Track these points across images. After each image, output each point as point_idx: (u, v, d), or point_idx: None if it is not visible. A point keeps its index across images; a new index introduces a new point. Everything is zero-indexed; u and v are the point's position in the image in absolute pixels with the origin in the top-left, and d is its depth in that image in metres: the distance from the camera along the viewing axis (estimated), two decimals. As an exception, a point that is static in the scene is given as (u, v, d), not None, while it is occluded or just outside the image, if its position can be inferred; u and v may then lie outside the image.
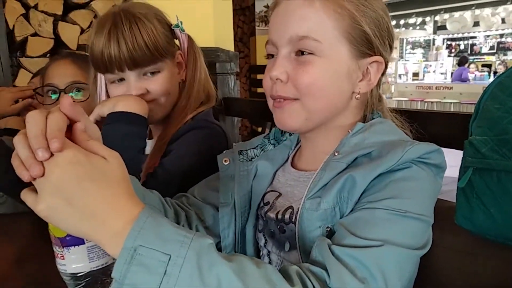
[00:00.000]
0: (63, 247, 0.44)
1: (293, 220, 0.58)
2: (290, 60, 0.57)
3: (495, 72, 8.46)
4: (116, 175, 0.41)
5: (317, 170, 0.58)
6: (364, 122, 0.61)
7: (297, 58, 0.57)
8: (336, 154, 0.57)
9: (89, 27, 1.77)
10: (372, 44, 0.58)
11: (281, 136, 0.71)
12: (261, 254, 0.67)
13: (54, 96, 1.10)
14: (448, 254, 0.55)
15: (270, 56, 0.61)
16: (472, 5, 8.76)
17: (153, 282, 0.37)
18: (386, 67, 0.62)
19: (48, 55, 1.75)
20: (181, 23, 0.84)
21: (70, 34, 1.74)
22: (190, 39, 0.85)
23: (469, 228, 0.68)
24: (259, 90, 4.57)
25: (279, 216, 0.61)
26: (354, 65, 0.58)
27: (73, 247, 0.44)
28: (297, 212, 0.56)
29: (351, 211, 0.52)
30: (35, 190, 0.40)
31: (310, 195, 0.55)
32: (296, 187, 0.62)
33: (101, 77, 0.81)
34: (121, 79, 0.78)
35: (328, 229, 0.53)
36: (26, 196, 0.40)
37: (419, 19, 9.99)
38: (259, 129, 1.35)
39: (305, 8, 0.56)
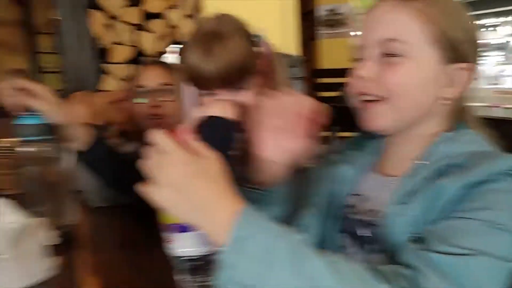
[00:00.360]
0: (173, 233, 0.49)
1: (380, 223, 0.58)
2: (378, 61, 0.59)
3: None
4: (218, 173, 0.48)
5: (402, 175, 0.58)
6: (449, 131, 0.61)
7: (385, 58, 0.59)
8: (423, 161, 0.57)
9: (167, 35, 1.88)
10: (460, 52, 0.58)
11: (364, 142, 0.71)
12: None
13: (140, 100, 1.18)
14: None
15: (358, 59, 0.63)
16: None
17: (256, 270, 0.42)
18: (473, 75, 0.61)
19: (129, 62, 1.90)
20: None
21: (147, 42, 1.88)
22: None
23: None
24: (324, 94, 4.50)
25: (366, 218, 0.62)
26: (441, 70, 0.58)
27: (184, 233, 0.49)
28: (384, 216, 0.57)
29: (441, 219, 0.51)
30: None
31: (397, 201, 0.56)
32: (382, 192, 0.62)
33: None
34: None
35: (415, 235, 0.53)
36: (146, 188, 0.46)
37: (497, 20, 9.24)
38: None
39: (394, 12, 0.58)
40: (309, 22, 4.79)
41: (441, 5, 0.59)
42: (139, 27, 1.91)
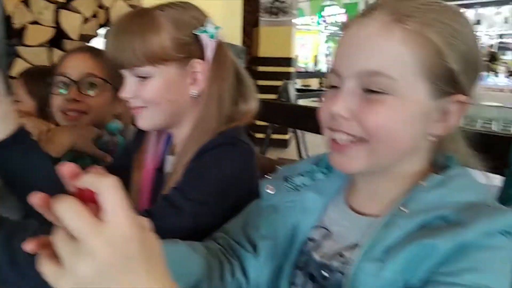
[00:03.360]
0: None
1: (341, 270, 0.52)
2: (356, 96, 0.50)
3: (495, 73, 8.45)
4: (158, 253, 0.37)
5: (376, 216, 0.51)
6: (434, 168, 0.54)
7: (364, 94, 0.49)
8: (403, 208, 0.49)
9: (93, 16, 1.67)
10: (455, 82, 0.50)
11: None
12: None
13: (62, 91, 1.03)
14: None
15: (332, 87, 0.53)
16: (475, 4, 8.72)
17: None
18: (467, 107, 0.52)
19: (48, 44, 1.66)
20: (216, 28, 0.76)
21: (72, 23, 1.65)
22: (221, 48, 0.77)
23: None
24: (260, 82, 4.49)
25: (325, 261, 0.55)
26: (432, 105, 0.50)
27: None
28: (349, 264, 0.50)
29: (425, 283, 0.46)
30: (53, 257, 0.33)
31: (370, 257, 0.48)
32: (350, 231, 0.55)
33: None
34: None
35: None
36: (45, 265, 0.33)
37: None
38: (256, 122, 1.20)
39: (381, 37, 0.48)
40: (253, 8, 4.71)
41: (444, 27, 0.48)
42: (63, 6, 1.66)
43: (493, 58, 8.98)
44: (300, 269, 0.60)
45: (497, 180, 0.69)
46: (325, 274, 0.54)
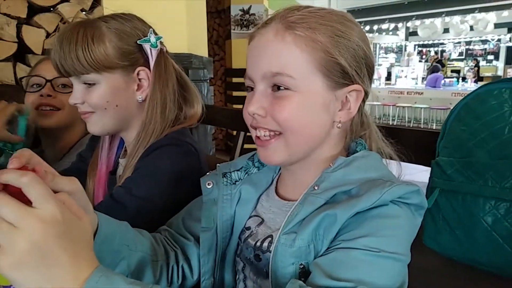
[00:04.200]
0: None
1: (270, 249, 0.57)
2: (267, 95, 0.56)
3: (463, 78, 8.76)
4: (88, 235, 0.42)
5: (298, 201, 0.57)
6: (347, 152, 0.61)
7: (273, 93, 0.56)
8: (315, 188, 0.56)
9: (55, 31, 1.70)
10: (348, 74, 0.56)
11: None
12: (237, 278, 0.66)
13: (33, 89, 1.08)
14: (414, 273, 0.55)
15: (249, 88, 0.60)
16: (442, 13, 9.06)
17: None
18: (366, 95, 0.60)
19: (11, 59, 1.67)
20: (157, 38, 0.81)
21: (34, 38, 1.68)
22: (161, 57, 0.82)
23: (435, 248, 0.69)
24: (235, 93, 4.56)
25: (258, 244, 0.60)
26: (331, 96, 0.57)
27: None
28: (274, 244, 0.55)
29: (327, 249, 0.51)
30: None
31: (286, 230, 0.54)
32: (278, 216, 0.61)
33: None
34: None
35: (301, 266, 0.52)
36: None
37: (392, 25, 10.23)
38: (234, 133, 1.34)
39: (277, 43, 0.55)
40: (223, 20, 4.80)
41: (328, 29, 0.55)
42: (25, 21, 1.68)
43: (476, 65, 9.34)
44: (238, 256, 0.64)
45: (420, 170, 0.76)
46: (258, 256, 0.59)
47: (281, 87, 0.55)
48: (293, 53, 0.54)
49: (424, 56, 11.67)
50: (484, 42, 10.81)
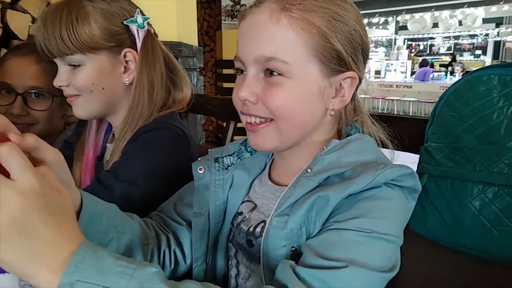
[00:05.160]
0: None
1: (262, 235, 0.56)
2: (259, 80, 0.54)
3: (451, 72, 8.86)
4: (70, 209, 0.41)
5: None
6: (339, 137, 0.60)
7: (266, 78, 0.54)
8: (308, 170, 0.55)
9: (41, 16, 1.65)
10: (344, 61, 0.55)
11: None
12: (230, 264, 0.65)
13: (8, 95, 0.98)
14: (402, 259, 0.56)
15: (239, 70, 0.58)
16: (432, 7, 9.10)
17: None
18: (360, 81, 0.59)
19: (-5, 45, 1.62)
20: (144, 19, 0.80)
21: (19, 23, 1.63)
22: (148, 38, 0.80)
23: (423, 233, 0.69)
24: (225, 84, 4.53)
25: (250, 229, 0.60)
26: (326, 83, 0.55)
27: (2, 274, 0.40)
28: (266, 227, 0.55)
29: (319, 231, 0.51)
30: None
31: (278, 212, 0.53)
32: (271, 201, 0.60)
33: None
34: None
35: (293, 249, 0.52)
36: None
37: (382, 19, 10.25)
38: (224, 124, 1.33)
39: (271, 25, 0.52)
40: (214, 10, 4.75)
41: (325, 11, 0.53)
42: (9, 6, 1.64)
43: (453, 59, 9.44)
44: (230, 241, 0.64)
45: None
46: (250, 241, 0.59)
47: (274, 73, 0.53)
48: (288, 37, 0.52)
49: (413, 50, 11.75)
50: (473, 36, 10.91)
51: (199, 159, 0.67)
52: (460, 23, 9.26)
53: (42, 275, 0.36)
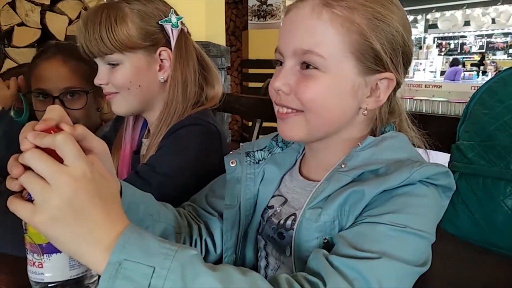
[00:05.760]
0: (43, 254, 0.43)
1: (293, 227, 0.57)
2: (295, 72, 0.56)
3: (484, 72, 8.57)
4: (116, 195, 0.44)
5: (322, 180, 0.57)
6: (374, 135, 0.59)
7: (301, 71, 0.55)
8: (342, 166, 0.56)
9: (77, 17, 1.73)
10: (382, 61, 0.54)
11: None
12: (259, 255, 0.67)
13: (45, 100, 1.02)
14: (432, 258, 0.56)
15: (278, 62, 0.59)
16: (463, 5, 8.83)
17: None
18: (398, 84, 0.59)
19: (35, 45, 1.72)
20: (178, 18, 0.83)
21: (58, 25, 1.71)
22: (182, 36, 0.83)
23: (454, 232, 0.69)
24: (251, 84, 4.56)
25: (281, 222, 0.61)
26: (361, 81, 0.55)
27: (54, 254, 0.43)
28: (298, 220, 0.56)
29: (352, 224, 0.52)
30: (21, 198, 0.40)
31: (312, 205, 0.54)
32: (302, 196, 0.62)
33: None
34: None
35: (325, 241, 0.53)
36: (19, 205, 0.39)
37: (411, 17, 10.03)
38: (250, 124, 1.35)
39: (312, 20, 0.53)
40: (240, 11, 4.79)
41: (368, 10, 0.53)
42: (48, 8, 1.72)
43: (482, 58, 9.13)
44: (260, 234, 0.66)
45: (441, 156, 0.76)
46: (281, 234, 0.60)
47: (310, 66, 0.54)
48: (327, 33, 0.53)
49: (443, 49, 11.42)
50: (506, 35, 10.50)
51: (230, 152, 0.69)
52: (493, 21, 8.93)
53: (92, 254, 0.39)
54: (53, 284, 0.43)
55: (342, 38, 0.53)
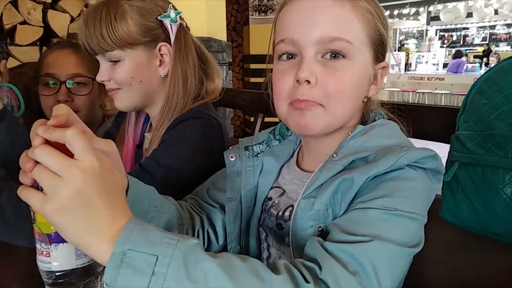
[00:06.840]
0: (50, 244, 0.44)
1: (291, 218, 0.59)
2: (318, 63, 0.55)
3: (486, 64, 8.51)
4: (122, 189, 0.46)
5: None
6: (364, 123, 0.62)
7: (325, 61, 0.55)
8: (334, 156, 0.57)
9: (79, 15, 1.74)
10: (385, 50, 0.59)
11: (286, 131, 0.71)
12: (262, 247, 0.69)
13: (46, 92, 1.07)
14: (432, 246, 0.57)
15: (288, 55, 0.58)
16: (465, -4, 8.77)
17: (142, 282, 0.39)
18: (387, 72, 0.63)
19: (38, 43, 1.73)
20: (177, 13, 0.84)
21: (60, 23, 1.72)
22: (181, 31, 0.84)
23: (453, 221, 0.70)
24: (252, 79, 4.56)
25: (280, 214, 0.63)
26: (372, 69, 0.59)
27: (61, 243, 0.44)
28: (294, 210, 0.58)
29: (345, 212, 0.53)
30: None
31: (306, 195, 0.56)
32: (299, 186, 0.63)
33: None
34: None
35: (320, 229, 0.55)
36: (30, 193, 0.41)
37: (413, 9, 9.96)
38: (251, 119, 1.36)
39: (335, 8, 0.55)
40: (241, 6, 4.78)
41: (372, 3, 0.57)
42: (50, 6, 1.73)
43: (487, 51, 9.08)
44: (261, 226, 0.67)
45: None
46: (280, 225, 0.62)
47: (337, 55, 0.55)
48: (351, 21, 0.55)
49: (446, 41, 11.35)
50: (509, 26, 10.42)
51: (230, 148, 0.70)
52: (496, 12, 8.86)
53: (97, 244, 0.41)
54: (60, 273, 0.45)
55: (362, 27, 0.56)
